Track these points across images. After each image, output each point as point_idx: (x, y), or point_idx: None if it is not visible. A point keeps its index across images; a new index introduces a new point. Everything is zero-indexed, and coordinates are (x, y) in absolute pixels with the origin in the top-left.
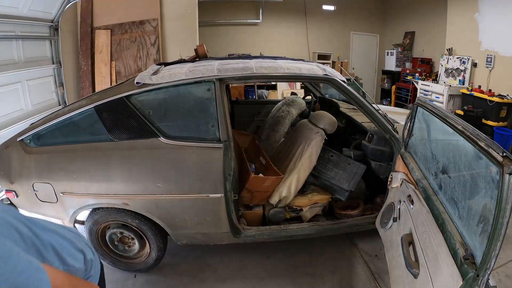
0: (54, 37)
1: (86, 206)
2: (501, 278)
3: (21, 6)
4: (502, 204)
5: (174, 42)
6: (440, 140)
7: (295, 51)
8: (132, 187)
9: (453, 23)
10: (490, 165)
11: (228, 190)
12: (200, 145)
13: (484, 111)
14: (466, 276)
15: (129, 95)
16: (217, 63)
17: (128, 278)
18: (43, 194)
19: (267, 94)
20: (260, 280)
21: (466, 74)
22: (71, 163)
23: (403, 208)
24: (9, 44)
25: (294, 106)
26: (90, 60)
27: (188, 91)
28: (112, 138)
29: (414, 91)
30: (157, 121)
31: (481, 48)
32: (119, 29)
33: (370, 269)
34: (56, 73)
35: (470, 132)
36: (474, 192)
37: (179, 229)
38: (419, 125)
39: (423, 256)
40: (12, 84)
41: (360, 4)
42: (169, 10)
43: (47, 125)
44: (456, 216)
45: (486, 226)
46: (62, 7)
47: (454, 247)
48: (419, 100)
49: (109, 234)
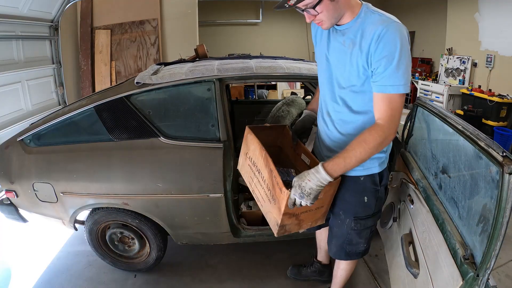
0: (54, 37)
1: (86, 206)
2: (501, 278)
3: (21, 6)
4: (502, 204)
5: (174, 42)
6: (440, 140)
7: (295, 51)
8: (132, 187)
9: (453, 23)
10: (490, 165)
11: (228, 190)
12: (200, 145)
13: (484, 111)
14: (466, 276)
15: (129, 95)
16: (217, 63)
17: (128, 278)
18: (43, 194)
19: (267, 94)
20: (260, 280)
21: (466, 74)
22: (71, 163)
23: (403, 208)
24: (9, 44)
25: (294, 106)
26: (90, 60)
27: (188, 91)
28: (112, 138)
29: (414, 91)
30: (157, 121)
31: (481, 48)
32: (119, 29)
33: (370, 269)
34: (56, 73)
35: (470, 132)
36: (474, 192)
37: (179, 229)
38: (419, 125)
39: (423, 256)
40: (12, 84)
41: None
42: (169, 10)
43: (47, 125)
44: (456, 216)
45: (486, 226)
46: (62, 7)
47: (454, 247)
48: (419, 100)
49: (109, 234)
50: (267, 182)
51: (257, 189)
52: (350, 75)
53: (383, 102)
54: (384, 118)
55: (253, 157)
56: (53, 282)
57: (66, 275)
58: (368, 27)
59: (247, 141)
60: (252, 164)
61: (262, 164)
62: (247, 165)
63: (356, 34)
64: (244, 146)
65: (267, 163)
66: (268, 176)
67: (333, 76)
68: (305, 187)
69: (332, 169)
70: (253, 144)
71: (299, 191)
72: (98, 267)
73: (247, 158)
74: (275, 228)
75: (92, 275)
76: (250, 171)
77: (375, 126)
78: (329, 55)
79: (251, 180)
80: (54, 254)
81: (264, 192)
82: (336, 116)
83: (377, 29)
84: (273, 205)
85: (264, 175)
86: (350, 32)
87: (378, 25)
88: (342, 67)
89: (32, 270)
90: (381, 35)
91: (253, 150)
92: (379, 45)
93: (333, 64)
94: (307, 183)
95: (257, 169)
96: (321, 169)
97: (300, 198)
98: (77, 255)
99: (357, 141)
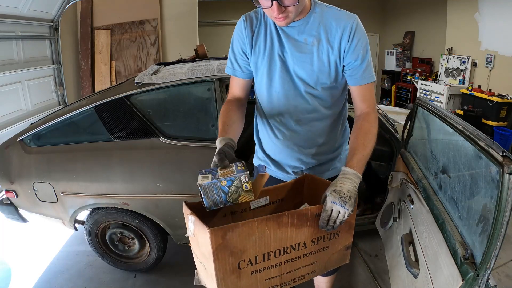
0: (54, 37)
1: (86, 206)
2: (501, 278)
3: (21, 6)
4: (502, 204)
5: (174, 42)
6: (440, 140)
7: None
8: (132, 187)
9: (453, 23)
10: (490, 165)
11: None
12: (200, 145)
13: (484, 111)
14: (466, 276)
15: (129, 95)
16: (217, 63)
17: (128, 278)
18: (43, 194)
19: None
20: None
21: (466, 74)
22: (71, 163)
23: (403, 208)
24: (9, 44)
25: None
26: (90, 60)
27: (188, 91)
28: (112, 138)
29: (414, 91)
30: (157, 121)
31: (481, 48)
32: (119, 29)
33: (370, 269)
34: (56, 73)
35: (470, 132)
36: (474, 192)
37: (179, 229)
38: (419, 125)
39: (423, 256)
40: (12, 84)
41: (360, 4)
42: (169, 10)
43: (47, 125)
44: (456, 216)
45: (486, 226)
46: (62, 7)
47: (454, 247)
48: (419, 99)
49: (109, 234)
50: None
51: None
52: (319, 73)
53: (367, 92)
54: (371, 106)
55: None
56: (53, 282)
57: (66, 275)
58: (331, 21)
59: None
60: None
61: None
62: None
63: (317, 30)
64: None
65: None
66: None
67: (294, 77)
68: (342, 190)
69: (358, 166)
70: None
71: (338, 195)
72: (98, 267)
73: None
74: None
75: (92, 275)
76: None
77: (369, 116)
78: (286, 55)
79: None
80: (54, 254)
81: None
82: (307, 118)
83: (347, 24)
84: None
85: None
86: (309, 29)
87: (346, 20)
88: (309, 65)
89: (32, 270)
90: (352, 28)
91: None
92: (353, 39)
93: (293, 63)
94: (342, 186)
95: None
96: (348, 169)
97: (341, 204)
98: (77, 255)
99: (362, 134)
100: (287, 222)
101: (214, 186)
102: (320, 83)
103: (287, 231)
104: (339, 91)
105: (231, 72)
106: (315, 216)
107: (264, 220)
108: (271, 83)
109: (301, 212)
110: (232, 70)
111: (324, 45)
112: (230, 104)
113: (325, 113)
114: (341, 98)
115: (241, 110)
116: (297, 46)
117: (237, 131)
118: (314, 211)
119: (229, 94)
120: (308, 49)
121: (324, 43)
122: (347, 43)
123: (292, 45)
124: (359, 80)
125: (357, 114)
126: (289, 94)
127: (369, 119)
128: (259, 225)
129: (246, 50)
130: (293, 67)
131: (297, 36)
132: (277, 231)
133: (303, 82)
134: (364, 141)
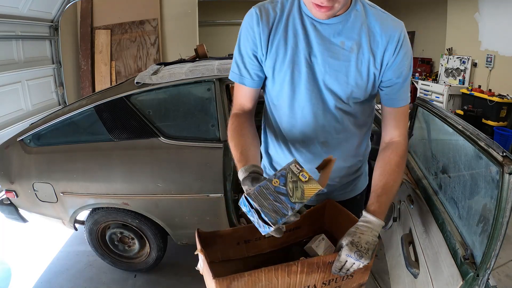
0: (54, 37)
1: (86, 206)
2: (501, 278)
3: (21, 6)
4: (502, 204)
5: (174, 42)
6: (440, 140)
7: None
8: (132, 187)
9: (453, 23)
10: (490, 165)
11: (228, 190)
12: (200, 145)
13: (484, 111)
14: (466, 276)
15: (129, 95)
16: (217, 63)
17: (128, 278)
18: (43, 194)
19: None
20: None
21: (466, 74)
22: (71, 163)
23: (403, 208)
24: (9, 44)
25: None
26: (90, 60)
27: (188, 91)
28: (112, 138)
29: (414, 91)
30: (157, 121)
31: (481, 48)
32: (119, 29)
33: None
34: (56, 73)
35: (470, 132)
36: (474, 192)
37: (179, 229)
38: (419, 125)
39: (423, 256)
40: (12, 84)
41: None
42: (169, 10)
43: (47, 125)
44: (456, 216)
45: (486, 226)
46: (62, 7)
47: (454, 247)
48: (419, 100)
49: (109, 234)
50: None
51: None
52: (355, 87)
53: (403, 116)
54: (403, 134)
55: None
56: (53, 282)
57: (66, 275)
58: (375, 25)
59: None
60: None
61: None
62: None
63: (359, 33)
64: None
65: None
66: None
67: (323, 89)
68: (360, 242)
69: (381, 211)
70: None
71: (355, 248)
72: (98, 267)
73: None
74: None
75: (92, 275)
76: None
77: (399, 148)
78: (315, 59)
79: None
80: (54, 254)
81: None
82: (335, 140)
83: (394, 32)
84: None
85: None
86: (348, 29)
87: (393, 27)
88: (343, 76)
89: (32, 270)
90: (400, 39)
91: None
92: (399, 52)
93: (324, 72)
94: (361, 236)
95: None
96: (370, 216)
97: (357, 259)
98: (77, 255)
99: (389, 171)
100: (296, 271)
101: (265, 190)
102: (352, 98)
103: (296, 278)
104: (371, 106)
105: (237, 79)
106: (327, 263)
107: (272, 270)
108: (294, 96)
109: (312, 261)
110: (239, 77)
111: (365, 53)
112: (240, 120)
113: (354, 133)
114: (371, 114)
115: (253, 124)
116: (331, 51)
117: (257, 152)
118: (327, 259)
119: (235, 106)
120: (345, 55)
121: (366, 50)
122: (392, 56)
123: (324, 48)
124: (396, 101)
125: (385, 141)
126: (317, 110)
127: (399, 152)
128: (267, 274)
129: (258, 52)
130: (323, 76)
131: (333, 37)
132: (285, 278)
133: (334, 95)
134: (390, 180)
